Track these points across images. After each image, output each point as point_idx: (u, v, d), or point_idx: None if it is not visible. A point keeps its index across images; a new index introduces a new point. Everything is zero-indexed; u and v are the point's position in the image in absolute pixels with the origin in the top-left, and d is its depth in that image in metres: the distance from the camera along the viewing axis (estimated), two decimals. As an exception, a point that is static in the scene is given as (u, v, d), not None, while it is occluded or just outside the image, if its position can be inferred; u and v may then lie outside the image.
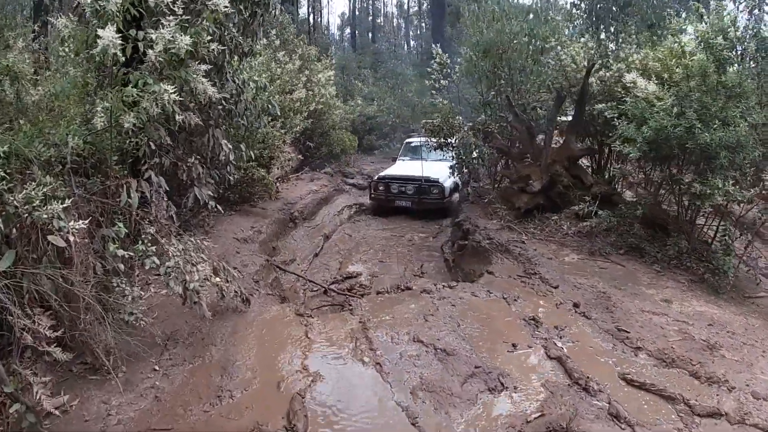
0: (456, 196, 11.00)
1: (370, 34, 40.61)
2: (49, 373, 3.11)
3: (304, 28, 29.72)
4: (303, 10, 31.40)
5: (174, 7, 3.55)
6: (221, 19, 3.75)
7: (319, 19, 37.88)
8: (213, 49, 3.73)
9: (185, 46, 3.39)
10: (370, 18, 42.03)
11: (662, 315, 4.68)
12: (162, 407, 3.29)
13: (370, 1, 42.51)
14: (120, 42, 3.06)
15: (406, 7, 44.96)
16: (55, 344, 2.90)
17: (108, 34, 2.97)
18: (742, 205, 6.09)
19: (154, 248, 3.29)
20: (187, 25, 3.64)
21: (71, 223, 2.74)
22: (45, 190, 2.85)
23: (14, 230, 2.82)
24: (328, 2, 45.10)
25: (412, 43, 44.62)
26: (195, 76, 3.70)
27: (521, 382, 3.65)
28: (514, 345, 4.16)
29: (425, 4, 42.19)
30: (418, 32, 44.64)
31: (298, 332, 4.38)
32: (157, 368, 3.66)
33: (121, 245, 3.16)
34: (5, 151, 3.03)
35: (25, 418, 2.58)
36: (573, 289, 5.39)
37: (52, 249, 2.91)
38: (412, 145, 13.16)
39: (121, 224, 3.17)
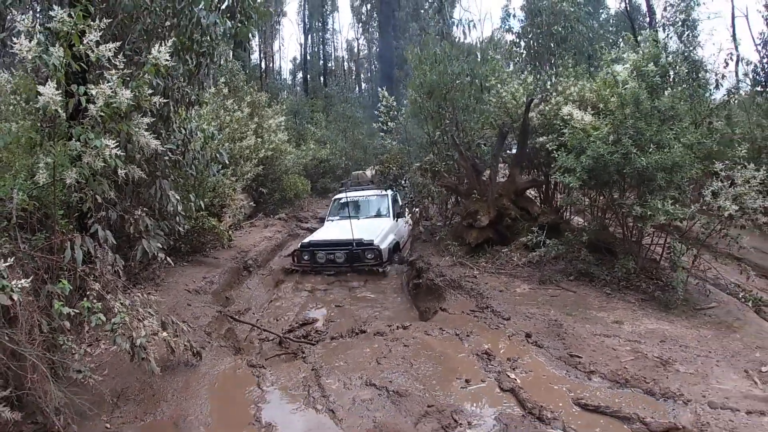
0: (396, 256, 9.61)
1: (321, 78, 40.89)
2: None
3: (255, 74, 29.98)
4: (255, 56, 31.74)
5: (115, 60, 3.58)
6: (163, 72, 3.78)
7: (270, 65, 38.34)
8: (155, 102, 3.76)
9: (126, 101, 3.42)
10: (321, 62, 42.44)
11: (614, 337, 4.75)
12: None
13: (322, 46, 43.08)
14: (60, 99, 3.06)
15: (356, 50, 45.93)
16: (3, 404, 2.83)
17: (48, 91, 2.97)
18: (684, 221, 6.12)
19: (99, 305, 3.22)
20: (129, 78, 3.67)
21: (14, 282, 2.67)
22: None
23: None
24: (280, 48, 45.65)
25: (363, 85, 45.35)
26: (137, 129, 3.71)
27: (475, 417, 3.69)
28: (467, 381, 4.19)
29: (375, 48, 43.26)
30: (369, 75, 45.56)
31: (251, 383, 4.34)
32: (108, 426, 3.58)
33: (66, 302, 3.10)
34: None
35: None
36: (525, 320, 5.45)
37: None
38: (342, 202, 11.09)
39: (65, 281, 3.12)
